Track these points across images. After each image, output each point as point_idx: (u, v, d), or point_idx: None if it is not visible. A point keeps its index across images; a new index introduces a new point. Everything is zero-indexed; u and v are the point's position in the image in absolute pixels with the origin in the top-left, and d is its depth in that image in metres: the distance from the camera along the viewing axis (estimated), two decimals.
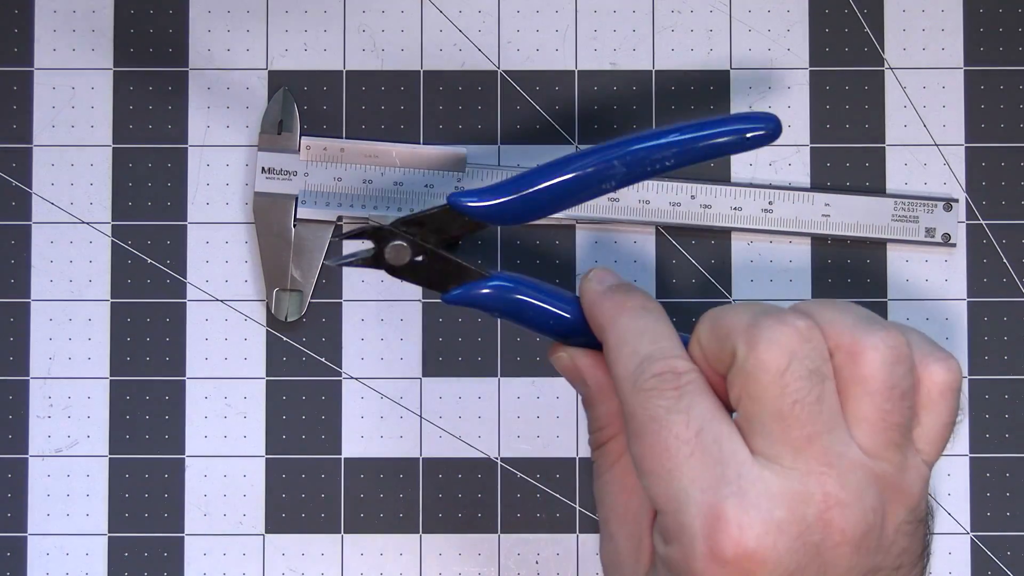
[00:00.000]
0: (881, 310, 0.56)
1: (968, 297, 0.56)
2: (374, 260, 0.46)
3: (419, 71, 0.56)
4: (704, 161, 0.44)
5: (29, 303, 0.56)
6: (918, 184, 0.56)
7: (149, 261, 0.56)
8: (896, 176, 0.56)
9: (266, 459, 0.56)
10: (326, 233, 0.55)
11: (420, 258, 0.46)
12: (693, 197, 0.55)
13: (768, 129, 0.43)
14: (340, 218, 0.55)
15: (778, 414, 0.39)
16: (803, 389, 0.39)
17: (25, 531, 0.55)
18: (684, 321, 0.56)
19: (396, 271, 0.46)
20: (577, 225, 0.56)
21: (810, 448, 0.39)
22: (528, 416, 0.55)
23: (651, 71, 0.56)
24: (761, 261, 0.56)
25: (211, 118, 0.56)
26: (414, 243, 0.46)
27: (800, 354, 0.39)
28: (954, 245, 0.55)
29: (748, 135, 0.43)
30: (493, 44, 0.57)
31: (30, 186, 0.56)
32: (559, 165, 0.44)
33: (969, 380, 0.56)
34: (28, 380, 0.56)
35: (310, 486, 0.55)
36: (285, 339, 0.56)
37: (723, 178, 0.56)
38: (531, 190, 0.44)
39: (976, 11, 0.56)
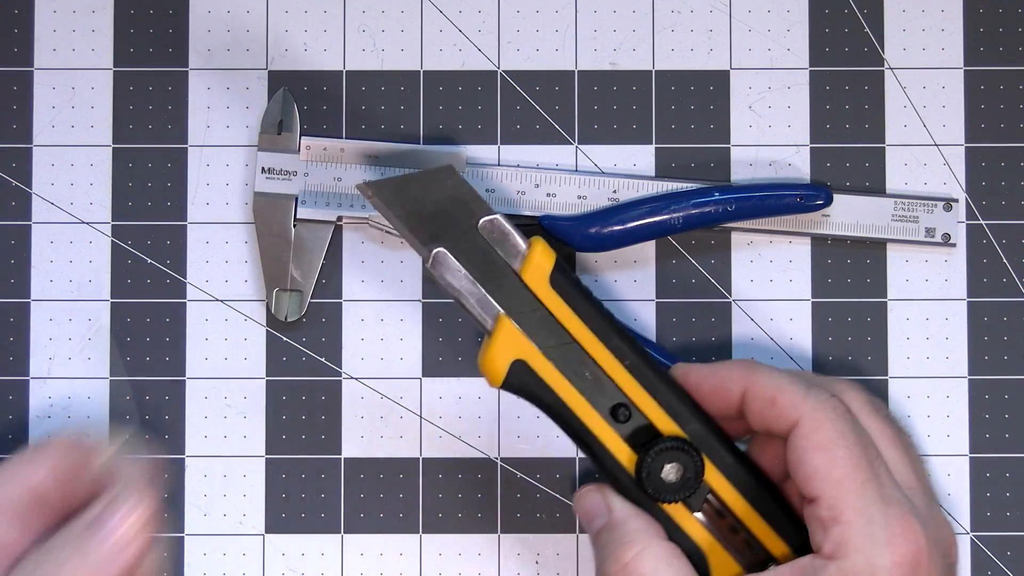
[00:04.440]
0: (881, 310, 0.56)
1: (968, 297, 0.56)
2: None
3: (419, 71, 0.56)
4: (758, 218, 0.54)
5: (29, 303, 0.56)
6: (918, 184, 0.56)
7: (149, 261, 0.56)
8: (896, 176, 0.56)
9: (266, 459, 0.56)
10: (326, 233, 0.55)
11: None
12: None
13: (824, 199, 0.54)
14: (340, 218, 0.55)
15: (890, 442, 0.46)
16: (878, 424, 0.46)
17: None
18: (684, 321, 0.56)
19: None
20: None
21: (923, 477, 0.46)
22: (528, 416, 0.55)
23: (651, 71, 0.56)
24: (761, 261, 0.56)
25: (211, 118, 0.56)
26: None
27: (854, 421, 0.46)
28: (954, 245, 0.55)
29: (807, 202, 0.54)
30: (493, 44, 0.57)
31: (30, 186, 0.56)
32: (641, 206, 0.54)
33: (969, 380, 0.56)
34: (28, 380, 0.56)
35: (310, 486, 0.55)
36: (285, 339, 0.56)
37: (723, 179, 0.56)
38: (623, 226, 0.53)
39: (976, 11, 0.56)
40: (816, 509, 0.44)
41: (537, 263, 0.48)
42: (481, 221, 0.48)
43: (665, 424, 0.48)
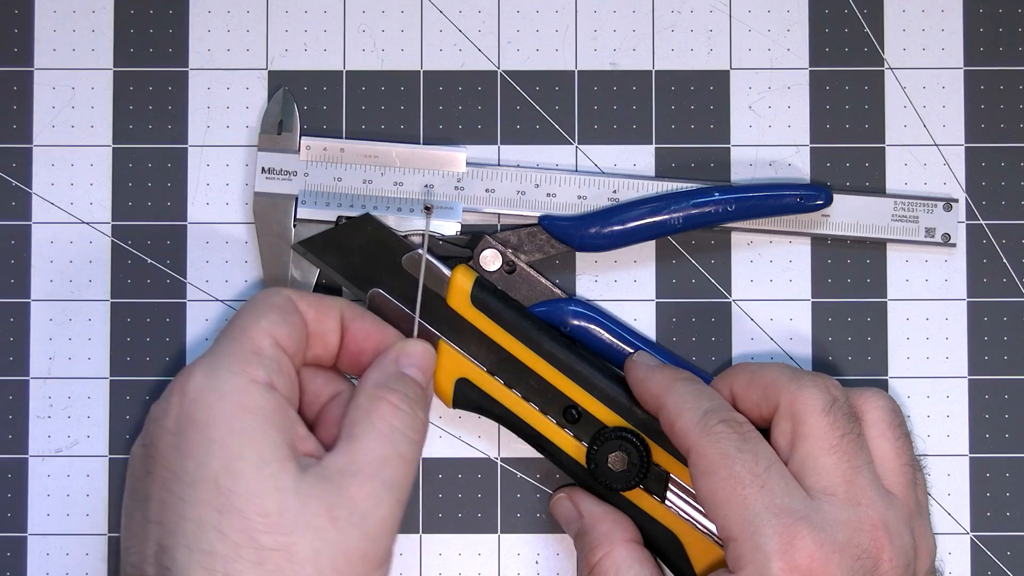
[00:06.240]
0: (881, 310, 0.56)
1: (968, 297, 0.56)
2: (467, 263, 0.53)
3: (419, 71, 0.56)
4: (758, 218, 0.53)
5: (29, 303, 0.56)
6: (918, 184, 0.56)
7: (149, 261, 0.56)
8: (896, 176, 0.56)
9: None
10: None
11: (509, 271, 0.53)
12: None
13: (824, 199, 0.53)
14: (340, 218, 0.55)
15: (830, 447, 0.46)
16: (847, 425, 0.47)
17: (25, 531, 0.55)
18: (684, 321, 0.56)
19: (485, 276, 0.53)
20: None
21: (858, 479, 0.46)
22: None
23: (651, 71, 0.56)
24: (761, 261, 0.56)
25: (211, 118, 0.56)
26: (506, 256, 0.53)
27: (839, 399, 0.48)
28: (954, 245, 0.55)
29: (807, 202, 0.53)
30: (493, 44, 0.57)
31: (30, 186, 0.56)
32: (641, 206, 0.53)
33: (969, 380, 0.56)
34: (28, 380, 0.56)
35: None
36: None
37: (723, 179, 0.56)
38: (623, 226, 0.53)
39: (976, 11, 0.56)
40: (718, 529, 0.46)
41: (459, 287, 0.52)
42: (404, 258, 0.52)
43: (610, 417, 0.51)
